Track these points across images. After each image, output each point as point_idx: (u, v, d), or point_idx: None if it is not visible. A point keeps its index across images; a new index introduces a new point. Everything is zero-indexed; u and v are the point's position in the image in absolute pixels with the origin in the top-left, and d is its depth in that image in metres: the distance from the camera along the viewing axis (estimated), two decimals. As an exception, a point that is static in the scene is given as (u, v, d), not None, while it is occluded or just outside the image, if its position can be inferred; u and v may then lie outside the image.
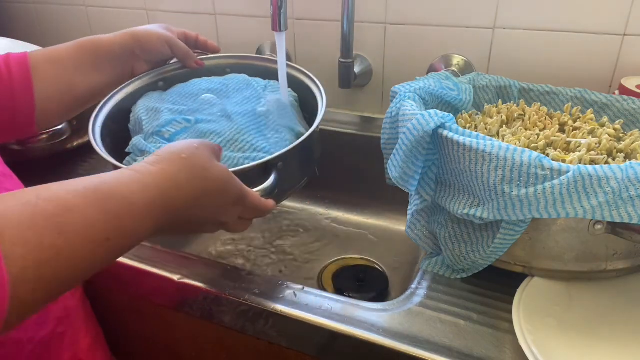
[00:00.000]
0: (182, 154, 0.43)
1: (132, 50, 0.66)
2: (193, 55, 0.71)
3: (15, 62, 0.59)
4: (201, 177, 0.43)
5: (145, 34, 0.66)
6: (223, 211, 0.46)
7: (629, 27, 0.72)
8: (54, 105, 0.61)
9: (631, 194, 0.40)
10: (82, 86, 0.63)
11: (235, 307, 0.52)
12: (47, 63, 0.60)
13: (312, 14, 0.90)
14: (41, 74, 0.59)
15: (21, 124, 0.59)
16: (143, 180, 0.39)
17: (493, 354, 0.45)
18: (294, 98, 0.69)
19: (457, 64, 0.83)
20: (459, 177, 0.49)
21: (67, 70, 0.62)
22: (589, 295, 0.50)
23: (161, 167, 0.41)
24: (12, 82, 0.57)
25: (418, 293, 0.52)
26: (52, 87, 0.60)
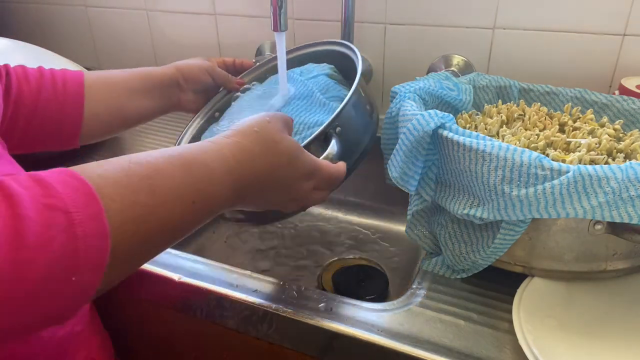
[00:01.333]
0: (255, 127, 0.44)
1: (177, 81, 0.71)
2: (233, 78, 0.76)
3: (72, 79, 0.63)
4: (273, 150, 0.44)
5: (186, 66, 0.72)
6: (297, 184, 0.47)
7: (629, 27, 0.72)
8: (101, 123, 0.66)
9: (631, 194, 0.40)
10: (131, 109, 0.67)
11: (236, 307, 0.52)
12: (100, 84, 0.65)
13: (312, 14, 0.90)
14: (94, 93, 0.64)
15: (66, 136, 0.64)
16: (221, 151, 0.41)
17: (493, 354, 0.45)
18: (330, 69, 0.70)
19: (457, 64, 0.83)
20: (459, 177, 0.49)
21: (119, 93, 0.66)
22: (589, 295, 0.50)
23: (236, 140, 0.43)
24: (65, 96, 0.62)
25: (418, 293, 0.52)
26: (102, 106, 0.65)
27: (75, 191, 0.31)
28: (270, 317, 0.51)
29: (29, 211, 0.28)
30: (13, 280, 0.28)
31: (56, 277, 0.29)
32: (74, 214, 0.30)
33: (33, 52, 0.87)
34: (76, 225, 0.30)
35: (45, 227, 0.28)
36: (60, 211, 0.29)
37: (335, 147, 0.52)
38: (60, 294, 0.30)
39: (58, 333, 0.51)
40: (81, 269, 0.30)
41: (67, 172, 0.32)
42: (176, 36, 1.06)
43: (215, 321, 0.54)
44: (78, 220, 0.30)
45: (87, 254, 0.30)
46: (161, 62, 1.11)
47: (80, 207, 0.30)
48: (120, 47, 1.14)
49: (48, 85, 0.62)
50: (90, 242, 0.30)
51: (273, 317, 0.50)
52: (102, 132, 0.69)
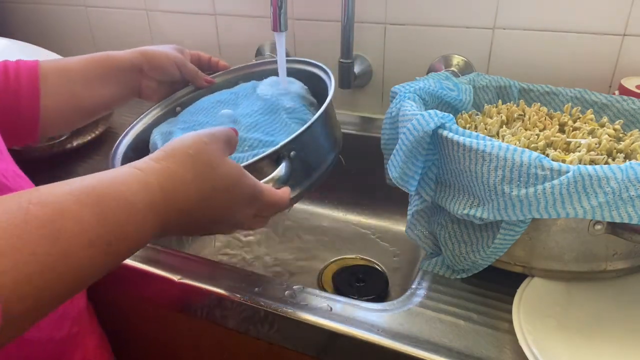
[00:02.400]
0: (190, 150, 0.40)
1: (140, 68, 0.66)
2: (202, 75, 0.72)
3: (25, 69, 0.59)
4: (209, 176, 0.40)
5: (154, 53, 0.67)
6: (236, 211, 0.43)
7: (629, 27, 0.72)
8: (59, 115, 0.62)
9: (631, 194, 0.40)
10: (88, 99, 0.63)
11: (235, 307, 0.52)
12: (56, 73, 0.61)
13: (312, 14, 0.90)
14: (49, 84, 0.60)
15: (24, 130, 0.60)
16: (145, 179, 0.36)
17: (493, 354, 0.45)
18: (304, 89, 0.68)
19: (457, 64, 0.83)
20: (459, 178, 0.49)
21: (75, 82, 0.62)
22: (589, 295, 0.50)
23: (165, 165, 0.38)
24: (19, 89, 0.58)
25: (418, 293, 0.52)
26: (58, 97, 0.61)
27: None
28: (270, 317, 0.51)
29: None
30: None
31: None
32: None
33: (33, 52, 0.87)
34: None
35: None
36: None
37: (283, 171, 0.49)
38: None
39: (56, 335, 0.50)
40: None
41: None
42: (176, 36, 1.06)
43: (215, 321, 0.54)
44: None
45: None
46: (161, 62, 1.11)
47: None
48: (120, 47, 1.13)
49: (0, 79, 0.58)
50: None
51: (273, 317, 0.50)
52: (62, 125, 0.65)
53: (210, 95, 0.71)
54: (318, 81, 0.68)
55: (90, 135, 0.87)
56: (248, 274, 0.56)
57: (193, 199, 0.39)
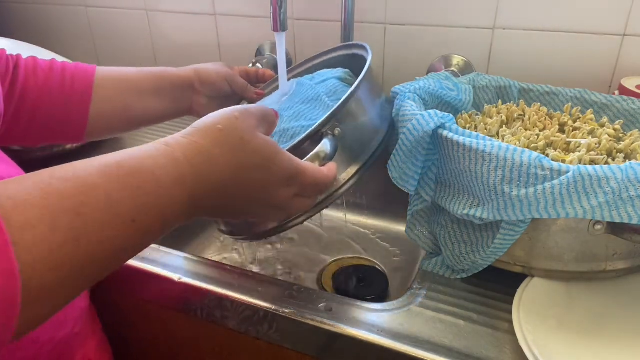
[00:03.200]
0: (219, 125, 0.38)
1: (192, 84, 0.68)
2: (251, 88, 0.73)
3: (81, 74, 0.61)
4: (240, 151, 0.38)
5: (205, 70, 0.69)
6: (272, 190, 0.40)
7: (629, 27, 0.72)
8: (107, 122, 0.64)
9: (631, 194, 0.40)
10: (139, 111, 0.65)
11: (235, 307, 0.52)
12: (110, 82, 0.63)
13: (312, 14, 0.90)
14: (102, 91, 0.62)
15: (72, 132, 0.62)
16: (173, 154, 0.35)
17: (493, 354, 0.45)
18: (344, 73, 0.65)
19: (457, 64, 0.83)
20: (459, 178, 0.49)
21: (128, 93, 0.64)
22: (588, 295, 0.50)
23: (193, 139, 0.37)
24: (72, 94, 0.60)
25: (418, 293, 0.52)
26: (109, 106, 0.63)
27: None
28: (270, 317, 0.51)
29: None
30: None
31: None
32: None
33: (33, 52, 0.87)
34: None
35: None
36: None
37: (326, 148, 0.46)
38: None
39: (57, 335, 0.50)
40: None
41: None
42: (176, 36, 1.06)
43: (215, 321, 0.54)
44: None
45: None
46: (161, 63, 1.11)
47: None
48: (120, 47, 1.14)
49: (56, 81, 0.59)
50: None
51: (273, 317, 0.50)
52: (108, 131, 0.66)
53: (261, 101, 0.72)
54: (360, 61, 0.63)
55: (90, 135, 0.87)
56: (248, 274, 0.56)
57: (224, 174, 0.37)
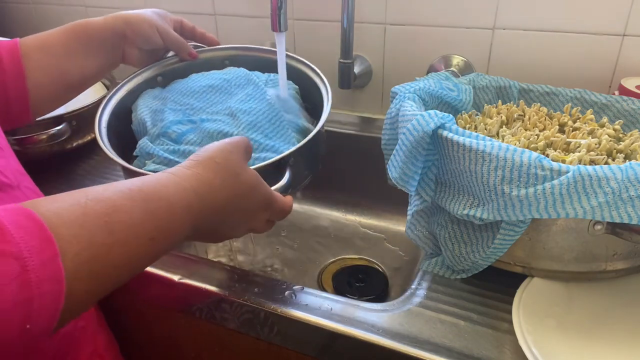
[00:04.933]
0: (216, 159, 0.44)
1: (123, 34, 0.64)
2: (187, 47, 0.70)
3: (6, 50, 0.58)
4: (233, 182, 0.44)
5: (136, 18, 0.65)
6: (252, 215, 0.47)
7: (629, 27, 0.72)
8: (48, 92, 0.61)
9: (631, 194, 0.40)
10: (74, 72, 0.62)
11: (235, 307, 0.52)
12: (38, 50, 0.60)
13: (312, 14, 0.90)
14: (33, 62, 0.59)
15: (16, 112, 0.59)
16: (181, 183, 0.40)
17: (493, 354, 0.45)
18: (295, 90, 0.68)
19: (457, 64, 0.83)
20: (459, 178, 0.49)
21: (58, 57, 0.61)
22: (588, 295, 0.50)
23: (196, 172, 0.42)
24: (3, 71, 0.57)
25: (418, 293, 0.52)
26: (44, 74, 0.60)
27: (29, 234, 0.29)
28: (270, 318, 0.51)
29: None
30: None
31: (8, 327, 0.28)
32: (28, 260, 0.29)
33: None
34: (30, 272, 0.29)
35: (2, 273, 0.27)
36: (12, 257, 0.28)
37: (287, 179, 0.52)
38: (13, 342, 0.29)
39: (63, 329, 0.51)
40: (35, 316, 0.29)
41: (21, 212, 0.31)
42: (176, 36, 1.06)
43: (215, 321, 0.54)
44: (32, 266, 0.29)
45: (42, 301, 0.29)
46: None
47: (35, 252, 0.29)
48: (120, 47, 1.14)
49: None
50: (45, 288, 0.29)
51: (273, 317, 0.50)
52: (52, 101, 0.64)
53: (198, 75, 0.69)
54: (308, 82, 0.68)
55: (91, 135, 0.87)
56: (248, 275, 0.56)
57: (220, 201, 0.43)
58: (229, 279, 0.55)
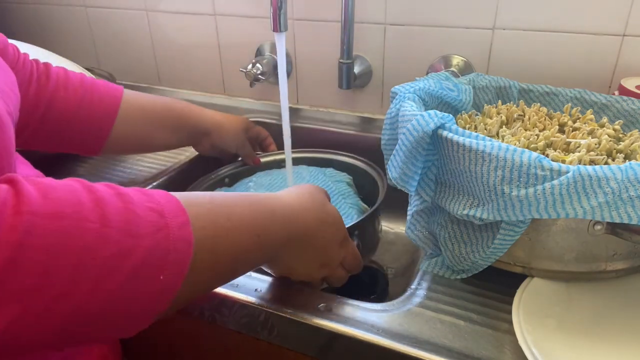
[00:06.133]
0: (306, 191, 0.51)
1: (209, 133, 0.76)
2: (254, 155, 0.82)
3: (109, 95, 0.67)
4: (321, 209, 0.50)
5: (226, 130, 0.78)
6: (333, 248, 0.51)
7: (629, 27, 0.72)
8: (124, 144, 0.70)
9: (631, 194, 0.40)
10: (157, 140, 0.73)
11: (236, 307, 0.52)
12: (136, 110, 0.69)
13: (312, 15, 0.90)
14: (127, 116, 0.68)
15: (90, 147, 0.68)
16: (282, 200, 0.47)
17: (493, 354, 0.45)
18: (350, 179, 0.78)
19: (457, 64, 0.83)
20: (459, 178, 0.49)
21: (151, 123, 0.71)
22: (588, 295, 0.50)
23: (292, 196, 0.49)
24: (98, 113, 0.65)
25: (418, 294, 0.52)
26: (130, 131, 0.69)
27: (169, 203, 0.35)
28: (270, 318, 0.51)
29: (137, 208, 0.33)
30: (117, 259, 0.31)
31: (149, 269, 0.32)
32: (169, 219, 0.34)
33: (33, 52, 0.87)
34: (170, 228, 0.34)
35: (147, 223, 0.33)
36: (158, 214, 0.34)
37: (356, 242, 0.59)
38: (147, 290, 0.33)
39: None
40: (169, 268, 0.33)
41: (162, 191, 0.37)
42: (176, 36, 1.06)
43: (215, 322, 0.54)
44: (171, 225, 0.34)
45: (176, 256, 0.34)
46: (161, 63, 1.11)
47: (173, 216, 0.35)
48: (120, 47, 1.14)
49: (85, 98, 0.64)
50: (179, 246, 0.34)
51: (273, 317, 0.50)
52: (122, 151, 0.75)
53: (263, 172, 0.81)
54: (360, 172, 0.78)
55: (90, 136, 0.87)
56: (248, 274, 0.56)
57: (310, 223, 0.48)
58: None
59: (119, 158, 0.85)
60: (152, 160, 0.84)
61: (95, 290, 0.30)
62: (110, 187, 0.34)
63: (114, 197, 0.33)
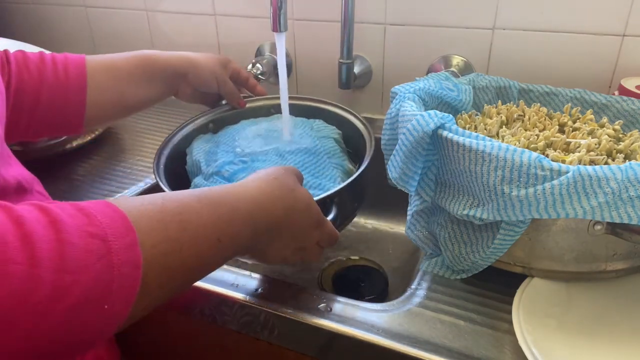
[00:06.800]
0: (273, 176, 0.47)
1: (185, 74, 0.71)
2: (238, 96, 0.77)
3: (73, 64, 0.63)
4: (290, 196, 0.47)
5: (200, 63, 0.71)
6: (307, 232, 0.49)
7: (629, 27, 0.72)
8: (103, 110, 0.66)
9: (631, 194, 0.40)
10: (132, 97, 0.68)
11: (236, 307, 0.52)
12: (103, 71, 0.65)
13: (312, 15, 0.90)
14: (96, 80, 0.64)
15: (70, 123, 0.64)
16: (244, 193, 0.44)
17: (493, 354, 0.45)
18: (339, 135, 0.74)
19: (457, 64, 0.83)
20: (459, 178, 0.49)
21: (121, 80, 0.66)
22: (588, 295, 0.50)
23: (258, 184, 0.46)
24: (67, 85, 0.61)
25: (418, 294, 0.52)
26: (104, 94, 0.65)
27: (113, 221, 0.32)
28: (270, 318, 0.51)
29: (73, 237, 0.29)
30: (51, 302, 0.28)
31: (90, 304, 0.29)
32: (112, 243, 0.31)
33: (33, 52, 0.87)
34: (113, 254, 0.31)
35: (85, 253, 0.29)
36: (100, 239, 0.30)
37: (334, 214, 0.56)
38: (91, 323, 0.30)
39: None
40: (113, 297, 0.31)
41: (106, 204, 0.33)
42: (176, 36, 1.06)
43: (215, 322, 0.54)
44: (115, 249, 0.31)
45: (121, 282, 0.31)
46: (161, 62, 1.11)
47: (118, 237, 0.31)
48: (120, 47, 1.14)
49: (49, 73, 0.61)
50: (124, 271, 0.31)
51: (273, 317, 0.50)
52: (105, 119, 0.69)
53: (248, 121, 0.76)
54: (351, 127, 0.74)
55: (90, 136, 0.87)
56: (248, 275, 0.56)
57: (278, 212, 0.45)
58: (229, 279, 0.55)
59: (119, 158, 0.85)
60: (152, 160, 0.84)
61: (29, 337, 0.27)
62: (44, 211, 0.30)
63: (46, 229, 0.29)
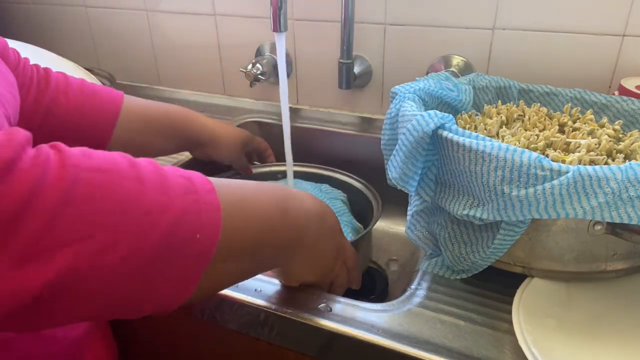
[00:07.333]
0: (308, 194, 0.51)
1: (205, 144, 0.76)
2: (248, 167, 0.84)
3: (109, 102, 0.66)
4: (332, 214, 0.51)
5: (221, 140, 0.77)
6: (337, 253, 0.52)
7: (629, 27, 0.72)
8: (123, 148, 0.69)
9: (631, 194, 0.40)
10: (154, 148, 0.72)
11: (236, 307, 0.52)
12: (136, 116, 0.68)
13: (312, 15, 0.90)
14: (126, 122, 0.67)
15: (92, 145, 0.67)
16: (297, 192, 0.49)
17: (493, 354, 0.45)
18: (344, 197, 0.79)
19: (457, 64, 0.83)
20: (459, 178, 0.49)
21: (149, 131, 0.70)
22: (588, 295, 0.50)
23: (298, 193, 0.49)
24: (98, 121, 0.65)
25: (418, 294, 0.52)
26: (129, 136, 0.68)
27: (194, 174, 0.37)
28: (270, 318, 0.51)
29: (167, 172, 0.35)
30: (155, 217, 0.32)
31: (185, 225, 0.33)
32: (197, 185, 0.36)
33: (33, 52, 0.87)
34: (199, 193, 0.35)
35: (178, 185, 0.35)
36: (188, 180, 0.36)
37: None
38: (183, 254, 0.33)
39: (71, 334, 0.52)
40: (203, 230, 0.34)
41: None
42: (176, 36, 1.06)
43: (215, 322, 0.54)
44: (200, 190, 0.36)
45: (207, 218, 0.35)
46: (161, 63, 1.11)
47: (200, 185, 0.36)
48: (120, 47, 1.14)
49: (86, 104, 0.64)
50: (209, 208, 0.35)
51: (273, 317, 0.50)
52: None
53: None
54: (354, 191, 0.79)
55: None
56: (248, 274, 0.56)
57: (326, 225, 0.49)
58: (229, 279, 0.55)
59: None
60: (152, 160, 0.84)
61: (138, 243, 0.31)
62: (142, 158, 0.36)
63: (146, 162, 0.35)
